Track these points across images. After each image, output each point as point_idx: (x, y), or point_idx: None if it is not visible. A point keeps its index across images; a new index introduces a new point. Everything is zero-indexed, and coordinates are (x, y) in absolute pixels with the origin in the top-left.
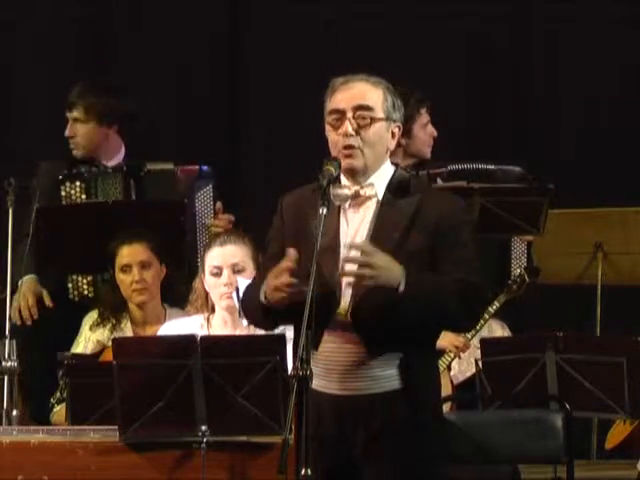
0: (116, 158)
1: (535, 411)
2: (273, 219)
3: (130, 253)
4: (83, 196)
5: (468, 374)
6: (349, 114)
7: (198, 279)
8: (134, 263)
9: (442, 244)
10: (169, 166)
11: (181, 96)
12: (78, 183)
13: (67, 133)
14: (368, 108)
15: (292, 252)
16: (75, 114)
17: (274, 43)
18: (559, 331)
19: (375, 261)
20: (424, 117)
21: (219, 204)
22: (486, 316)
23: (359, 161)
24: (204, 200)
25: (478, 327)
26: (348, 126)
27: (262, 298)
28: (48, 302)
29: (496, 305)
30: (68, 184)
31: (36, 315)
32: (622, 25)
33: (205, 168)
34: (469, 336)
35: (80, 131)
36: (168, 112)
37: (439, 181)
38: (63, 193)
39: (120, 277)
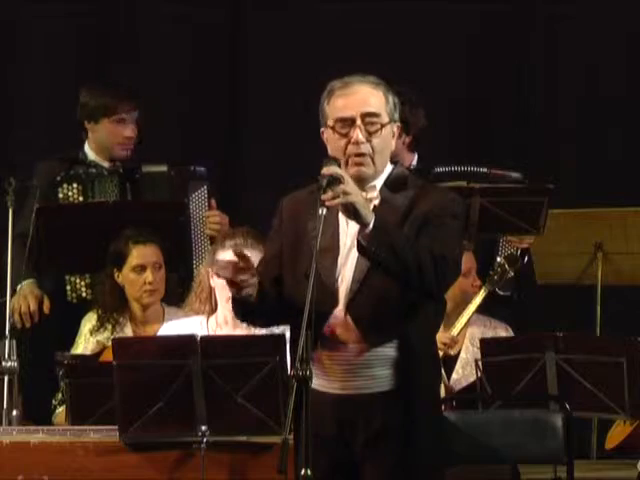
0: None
1: (535, 411)
2: (273, 221)
3: (145, 253)
4: (80, 198)
5: (471, 379)
6: (358, 121)
7: (204, 273)
8: (149, 264)
9: (426, 227)
10: (163, 168)
11: (181, 96)
12: (75, 185)
13: (131, 134)
14: (376, 115)
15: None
16: (136, 114)
17: (274, 43)
18: (559, 331)
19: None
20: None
21: (213, 201)
22: (472, 308)
23: (370, 169)
24: (198, 201)
25: (463, 321)
26: (359, 134)
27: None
28: (46, 309)
29: (480, 297)
30: (65, 186)
31: (37, 319)
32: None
33: (200, 169)
34: (455, 333)
35: (136, 131)
36: (168, 112)
37: None
38: (61, 195)
39: (131, 277)
